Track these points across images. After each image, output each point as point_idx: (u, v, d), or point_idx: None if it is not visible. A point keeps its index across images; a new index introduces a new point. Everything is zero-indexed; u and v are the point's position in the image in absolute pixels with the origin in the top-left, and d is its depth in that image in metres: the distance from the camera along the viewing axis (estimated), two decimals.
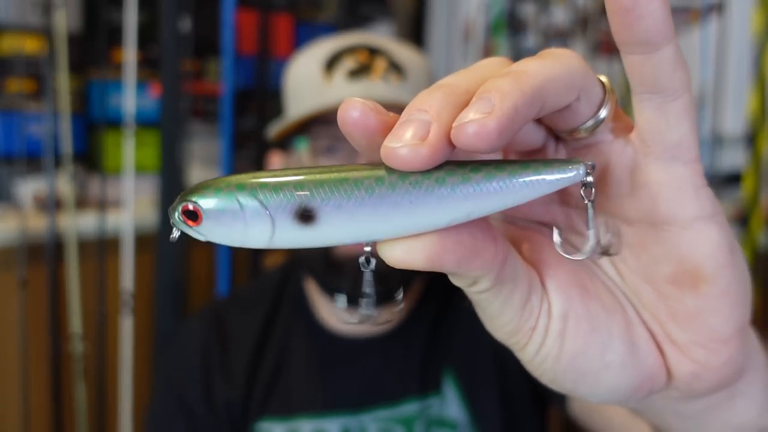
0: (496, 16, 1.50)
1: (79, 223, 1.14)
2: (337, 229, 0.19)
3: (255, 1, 1.34)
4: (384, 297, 0.74)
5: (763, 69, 1.05)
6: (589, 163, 0.20)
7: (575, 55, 0.21)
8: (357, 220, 0.19)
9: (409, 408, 0.69)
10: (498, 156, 0.26)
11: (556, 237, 0.23)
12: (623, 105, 1.28)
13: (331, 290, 0.69)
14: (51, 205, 1.10)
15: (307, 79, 0.69)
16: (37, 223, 1.11)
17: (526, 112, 0.19)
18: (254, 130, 1.28)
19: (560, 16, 1.39)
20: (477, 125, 0.18)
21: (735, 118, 1.17)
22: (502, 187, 0.20)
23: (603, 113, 0.22)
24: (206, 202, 0.19)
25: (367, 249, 0.21)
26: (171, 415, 0.72)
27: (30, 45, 1.17)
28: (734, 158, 1.17)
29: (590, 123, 0.22)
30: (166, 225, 1.15)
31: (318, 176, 0.19)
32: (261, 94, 1.33)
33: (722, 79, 1.13)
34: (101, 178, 1.16)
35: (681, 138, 0.22)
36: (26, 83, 1.17)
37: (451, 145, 0.19)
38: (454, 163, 0.20)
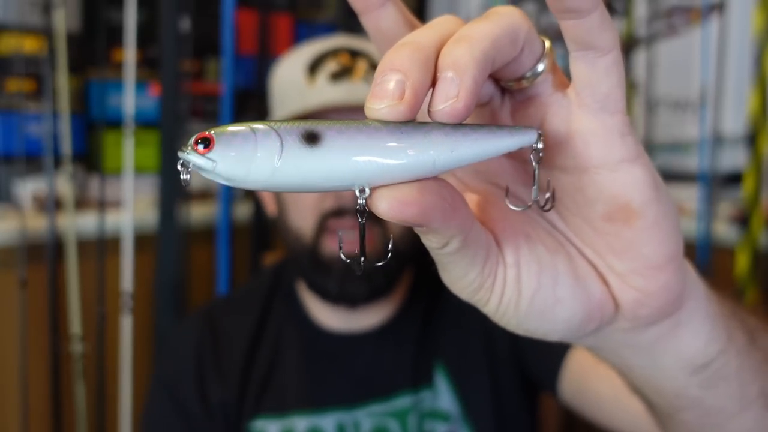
0: None
1: (79, 223, 1.14)
2: (338, 153, 0.21)
3: (255, 1, 1.34)
4: (374, 292, 0.73)
5: (764, 69, 1.05)
6: (539, 131, 0.24)
7: (517, 11, 0.24)
8: (357, 144, 0.21)
9: (402, 402, 0.70)
10: None
11: (507, 193, 0.27)
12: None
13: (318, 289, 0.70)
14: (51, 205, 1.10)
15: (291, 83, 0.71)
16: (37, 223, 1.11)
17: (483, 77, 0.22)
18: None
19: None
20: (450, 108, 0.21)
21: (735, 118, 1.17)
22: (474, 135, 0.23)
23: (541, 65, 0.25)
24: (221, 131, 0.21)
25: (360, 201, 0.22)
26: (166, 416, 0.72)
27: (29, 45, 1.17)
28: (735, 158, 1.17)
29: (530, 73, 0.25)
30: (166, 225, 1.15)
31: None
32: (261, 94, 1.33)
33: (723, 79, 1.13)
34: (101, 178, 1.16)
35: (609, 90, 0.25)
36: (26, 83, 1.17)
37: (423, 98, 0.22)
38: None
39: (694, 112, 1.25)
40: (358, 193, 0.22)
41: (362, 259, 0.24)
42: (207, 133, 0.21)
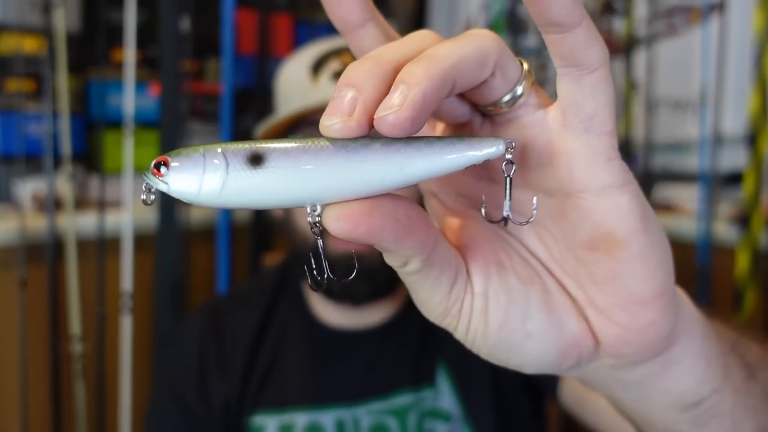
0: (496, 15, 1.50)
1: (79, 223, 1.14)
2: (282, 173, 0.22)
3: (255, 1, 1.34)
4: (376, 290, 0.74)
5: (764, 69, 1.05)
6: (509, 140, 0.23)
7: (490, 35, 0.23)
8: (301, 164, 0.22)
9: (402, 400, 0.70)
10: (428, 128, 0.29)
11: (482, 208, 0.26)
12: (623, 105, 1.28)
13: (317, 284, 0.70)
14: (50, 205, 1.10)
15: (295, 83, 0.73)
16: (37, 223, 1.11)
17: (436, 95, 0.21)
18: (254, 130, 1.28)
19: None
20: (393, 117, 0.20)
21: (736, 118, 1.17)
22: (428, 149, 0.22)
23: (519, 89, 0.24)
24: (175, 155, 0.22)
25: (314, 219, 0.22)
26: (169, 413, 0.73)
27: (29, 45, 1.17)
28: (735, 158, 1.17)
29: (508, 98, 0.24)
30: (166, 225, 1.15)
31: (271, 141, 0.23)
32: (261, 93, 1.33)
33: (723, 78, 1.13)
34: (101, 178, 1.16)
35: (595, 110, 0.23)
36: (25, 83, 1.17)
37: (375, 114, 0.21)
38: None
39: (694, 112, 1.25)
40: (308, 210, 0.22)
41: (324, 275, 0.25)
42: (165, 156, 0.22)
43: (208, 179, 0.22)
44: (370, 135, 0.22)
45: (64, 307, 1.13)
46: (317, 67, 0.72)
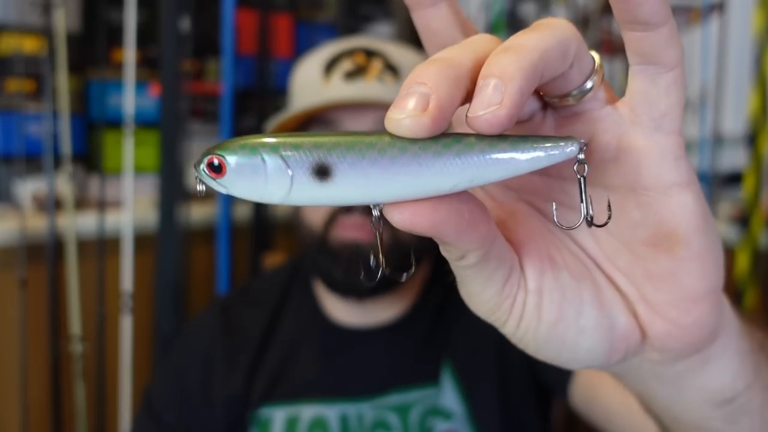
0: (496, 15, 1.50)
1: (79, 223, 1.14)
2: (350, 187, 0.21)
3: (255, 1, 1.34)
4: (380, 284, 0.74)
5: (764, 69, 1.05)
6: (582, 141, 0.22)
7: (568, 24, 0.22)
8: (369, 179, 0.21)
9: (405, 397, 0.71)
10: None
11: (554, 211, 0.24)
12: None
13: (327, 278, 0.72)
14: (50, 205, 1.10)
15: (308, 82, 0.73)
16: (37, 223, 1.11)
17: (530, 89, 0.20)
18: (254, 130, 1.28)
19: (561, 15, 1.39)
20: (490, 116, 0.20)
21: (735, 118, 1.17)
22: (502, 156, 0.21)
23: (592, 81, 0.24)
24: (231, 156, 0.21)
25: (376, 213, 0.22)
26: (169, 395, 0.75)
27: (29, 45, 1.17)
28: (735, 158, 1.17)
29: (580, 90, 0.24)
30: (166, 225, 1.15)
31: (334, 138, 0.21)
32: (261, 94, 1.33)
33: (723, 78, 1.13)
34: (101, 178, 1.16)
35: (668, 108, 0.23)
36: (25, 83, 1.17)
37: (450, 115, 0.20)
38: (458, 134, 0.21)
39: (694, 112, 1.25)
40: (372, 207, 0.22)
41: (381, 268, 0.24)
42: (216, 156, 0.21)
43: (271, 190, 0.21)
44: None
45: (64, 307, 1.13)
46: (330, 66, 0.72)
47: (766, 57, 1.05)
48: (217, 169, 0.21)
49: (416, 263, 0.74)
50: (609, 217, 0.24)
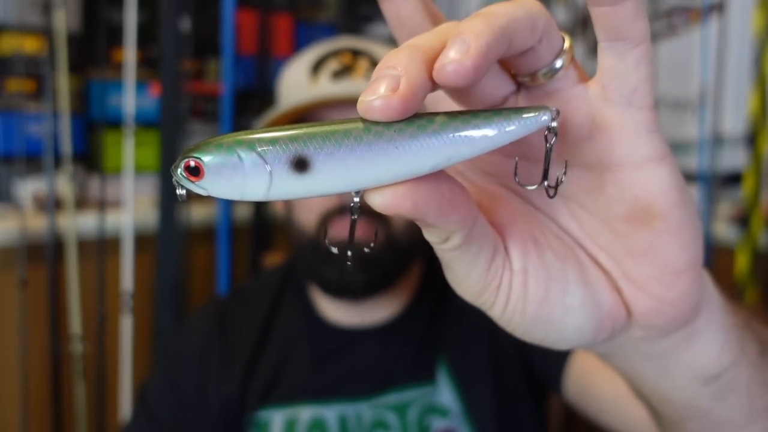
0: None
1: (79, 223, 1.14)
2: (329, 177, 0.21)
3: (255, 1, 1.34)
4: (371, 283, 0.74)
5: (764, 69, 1.05)
6: (555, 108, 0.22)
7: (537, 3, 0.23)
8: (348, 167, 0.21)
9: (402, 396, 0.71)
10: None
11: (515, 167, 0.25)
12: None
13: (319, 279, 0.72)
14: (51, 205, 1.10)
15: (295, 83, 0.74)
16: (37, 223, 1.11)
17: (497, 49, 0.20)
18: (252, 126, 1.28)
19: (561, 15, 1.39)
20: (456, 64, 0.20)
21: (735, 118, 1.17)
22: (477, 132, 0.21)
23: (562, 59, 0.24)
24: (207, 157, 0.21)
25: (356, 200, 0.22)
26: (163, 393, 0.75)
27: (29, 45, 1.17)
28: (734, 158, 1.17)
29: (550, 68, 0.24)
30: (166, 225, 1.15)
31: (309, 130, 0.21)
32: (261, 94, 1.33)
33: (722, 79, 1.13)
34: (101, 178, 1.16)
35: (638, 83, 0.23)
36: (26, 83, 1.17)
37: (421, 96, 0.20)
38: (430, 114, 0.21)
39: (694, 112, 1.25)
40: (353, 193, 0.22)
41: (350, 251, 0.24)
42: (193, 158, 0.21)
43: (251, 186, 0.21)
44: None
45: (64, 307, 1.13)
46: (317, 66, 0.73)
47: (766, 57, 1.05)
48: (195, 172, 0.21)
49: (410, 262, 0.74)
50: (560, 180, 0.24)
